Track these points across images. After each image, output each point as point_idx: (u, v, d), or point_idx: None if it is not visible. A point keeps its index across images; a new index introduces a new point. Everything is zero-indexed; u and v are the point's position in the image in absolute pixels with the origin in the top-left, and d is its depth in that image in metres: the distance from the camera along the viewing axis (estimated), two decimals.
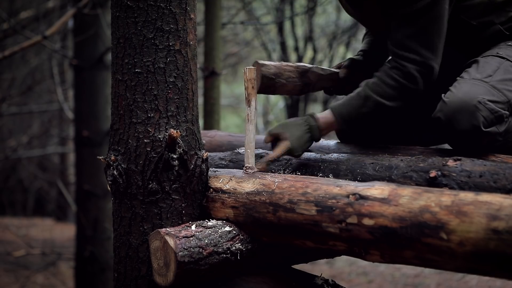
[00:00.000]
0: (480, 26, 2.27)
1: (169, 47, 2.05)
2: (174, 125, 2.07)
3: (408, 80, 2.18)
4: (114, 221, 2.15)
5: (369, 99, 2.21)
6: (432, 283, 6.15)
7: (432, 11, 2.15)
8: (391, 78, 2.20)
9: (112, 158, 2.08)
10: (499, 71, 2.14)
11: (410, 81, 2.18)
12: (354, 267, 7.06)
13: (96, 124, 5.54)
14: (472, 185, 1.87)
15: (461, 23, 2.27)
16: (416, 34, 2.18)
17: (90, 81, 5.56)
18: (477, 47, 2.28)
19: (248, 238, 2.06)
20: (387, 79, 2.21)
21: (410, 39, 2.18)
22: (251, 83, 2.13)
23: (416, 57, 2.17)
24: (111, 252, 2.58)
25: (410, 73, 2.18)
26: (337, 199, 1.84)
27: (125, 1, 2.04)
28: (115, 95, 2.09)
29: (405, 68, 2.18)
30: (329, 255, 2.35)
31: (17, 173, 11.35)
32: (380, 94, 2.20)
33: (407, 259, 1.73)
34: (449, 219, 1.61)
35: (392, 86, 2.20)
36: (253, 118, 2.15)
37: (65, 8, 6.44)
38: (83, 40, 5.46)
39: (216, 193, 2.12)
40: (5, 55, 4.60)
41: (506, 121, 2.08)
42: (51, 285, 7.17)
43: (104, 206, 5.47)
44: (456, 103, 2.04)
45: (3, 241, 8.09)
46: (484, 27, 2.28)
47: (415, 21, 2.17)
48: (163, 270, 1.97)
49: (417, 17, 2.16)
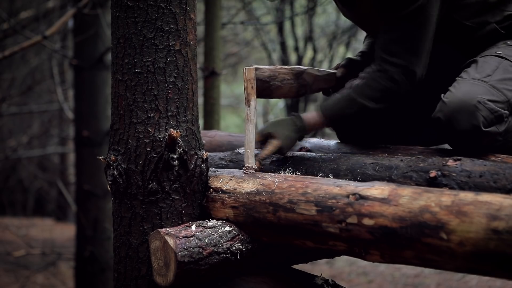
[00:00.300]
0: (474, 25, 2.27)
1: (169, 47, 2.05)
2: (174, 125, 2.07)
3: (391, 84, 2.23)
4: (114, 221, 2.15)
5: (353, 101, 2.26)
6: (432, 283, 6.15)
7: (418, 17, 2.17)
8: (375, 81, 2.24)
9: (112, 158, 2.08)
10: (498, 70, 2.14)
11: (392, 85, 2.23)
12: (354, 267, 7.06)
13: (96, 124, 5.54)
14: (472, 185, 1.87)
15: (454, 23, 2.27)
16: (401, 38, 2.21)
17: (90, 81, 5.56)
18: (473, 47, 2.28)
19: (248, 238, 2.06)
20: (371, 82, 2.25)
21: (395, 43, 2.21)
22: (250, 83, 2.14)
23: (399, 62, 2.21)
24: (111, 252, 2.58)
25: (393, 77, 2.22)
26: (337, 199, 1.84)
27: (125, 1, 2.04)
28: (115, 95, 2.09)
29: (388, 72, 2.22)
30: (329, 255, 2.35)
31: (17, 173, 11.36)
32: (364, 96, 2.25)
33: (407, 259, 1.73)
34: (449, 219, 1.61)
35: (376, 89, 2.24)
36: (253, 118, 2.16)
37: (65, 8, 6.44)
38: (83, 40, 5.46)
39: (216, 193, 2.12)
40: (5, 55, 4.60)
41: (506, 121, 2.08)
42: (51, 285, 7.17)
43: (104, 206, 5.47)
44: (455, 103, 2.04)
45: (3, 241, 8.09)
46: (479, 27, 2.28)
47: (401, 26, 2.20)
48: (163, 270, 1.97)
49: (404, 22, 2.19)
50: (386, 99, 2.25)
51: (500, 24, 2.28)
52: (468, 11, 2.27)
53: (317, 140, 2.56)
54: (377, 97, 2.25)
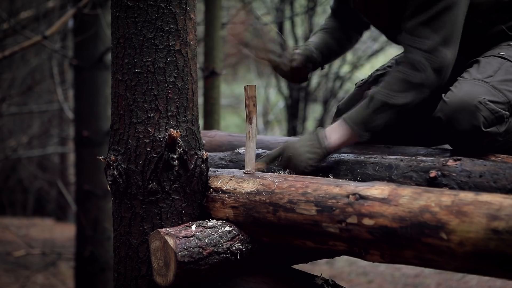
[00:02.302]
0: (485, 24, 2.27)
1: (169, 47, 2.05)
2: (174, 125, 2.07)
3: (415, 69, 2.13)
4: (114, 221, 2.15)
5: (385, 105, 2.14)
6: (432, 283, 6.15)
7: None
8: (399, 72, 2.16)
9: (112, 158, 2.08)
10: (500, 71, 2.14)
11: (417, 70, 2.13)
12: (354, 267, 7.06)
13: (96, 124, 5.54)
14: (472, 185, 1.87)
15: (467, 21, 2.26)
16: (429, 20, 2.13)
17: (90, 81, 5.56)
18: (479, 47, 2.28)
19: (248, 238, 2.06)
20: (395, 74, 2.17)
21: (423, 26, 2.13)
22: (252, 101, 2.13)
23: (425, 42, 2.12)
24: (111, 252, 2.58)
25: (417, 60, 2.13)
26: (337, 199, 1.84)
27: (125, 1, 2.04)
28: (115, 95, 2.09)
29: (411, 57, 2.14)
30: (329, 255, 2.35)
31: (17, 173, 11.35)
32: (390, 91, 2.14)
33: (407, 259, 1.73)
34: (449, 219, 1.61)
35: (400, 79, 2.15)
36: (254, 135, 2.15)
37: (65, 8, 6.43)
38: (83, 40, 5.45)
39: (216, 193, 2.12)
40: (5, 55, 4.60)
41: (506, 122, 2.08)
42: (51, 285, 7.17)
43: (104, 206, 5.47)
44: (456, 103, 2.04)
45: (3, 241, 8.09)
46: (488, 26, 2.27)
47: (430, 7, 2.13)
48: (163, 270, 1.97)
49: (433, 4, 2.13)
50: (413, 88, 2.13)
51: (507, 25, 2.27)
52: (482, 9, 2.25)
53: None
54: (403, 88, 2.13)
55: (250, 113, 2.14)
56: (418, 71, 2.13)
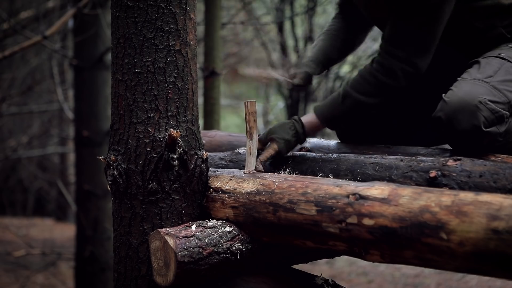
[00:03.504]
0: (484, 28, 2.27)
1: (169, 47, 2.05)
2: (174, 125, 2.07)
3: (388, 77, 2.21)
4: (114, 221, 2.15)
5: (348, 97, 2.26)
6: (432, 283, 6.15)
7: (434, 12, 2.16)
8: (371, 75, 2.23)
9: (112, 158, 2.08)
10: (500, 72, 2.14)
11: (390, 78, 2.22)
12: (354, 267, 7.06)
13: (96, 124, 5.54)
14: (472, 185, 1.87)
15: (465, 24, 2.27)
16: (410, 31, 2.19)
17: (90, 81, 5.56)
18: (478, 49, 2.28)
19: (248, 238, 2.06)
20: (367, 76, 2.25)
21: (403, 35, 2.20)
22: (252, 116, 2.15)
23: (402, 54, 2.19)
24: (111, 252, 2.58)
25: (392, 69, 2.21)
26: (337, 199, 1.84)
27: (125, 1, 2.04)
28: (115, 95, 2.09)
29: (388, 64, 2.21)
30: (329, 255, 2.35)
31: (17, 173, 11.35)
32: (358, 91, 2.24)
33: (407, 259, 1.73)
34: (449, 219, 1.61)
35: (371, 83, 2.24)
36: (255, 151, 2.19)
37: (65, 8, 6.43)
38: (83, 40, 5.45)
39: (216, 193, 2.12)
40: (5, 55, 4.60)
41: (506, 122, 2.08)
42: (51, 285, 7.17)
43: (104, 206, 5.47)
44: (457, 102, 2.04)
45: (3, 241, 8.09)
46: (488, 29, 2.27)
47: (413, 18, 2.17)
48: (163, 270, 1.97)
49: (417, 15, 2.16)
50: (381, 93, 2.24)
51: (507, 28, 2.27)
52: (482, 13, 2.26)
53: (317, 140, 2.56)
54: (372, 92, 2.24)
55: (251, 129, 2.16)
56: (391, 78, 2.22)
